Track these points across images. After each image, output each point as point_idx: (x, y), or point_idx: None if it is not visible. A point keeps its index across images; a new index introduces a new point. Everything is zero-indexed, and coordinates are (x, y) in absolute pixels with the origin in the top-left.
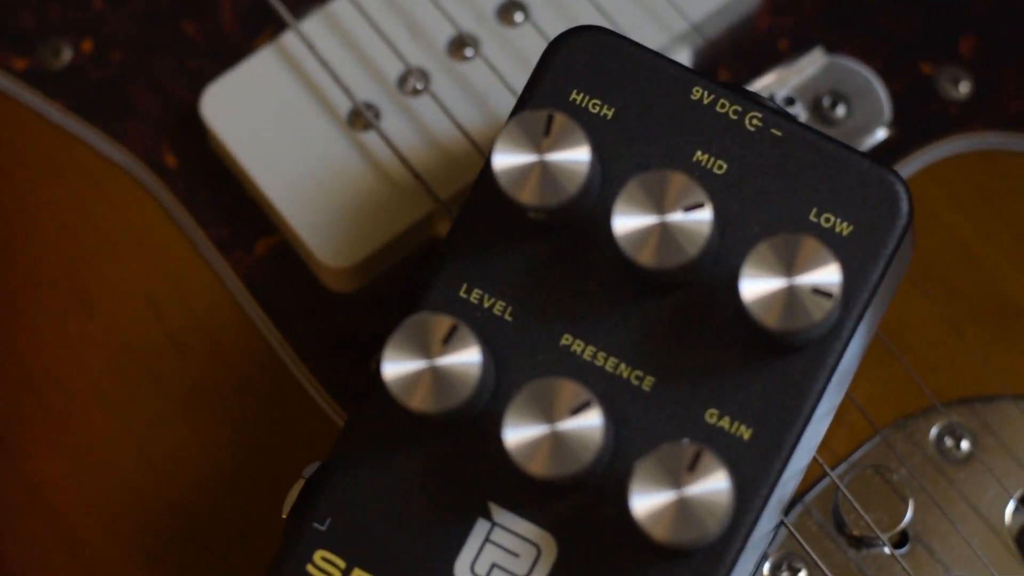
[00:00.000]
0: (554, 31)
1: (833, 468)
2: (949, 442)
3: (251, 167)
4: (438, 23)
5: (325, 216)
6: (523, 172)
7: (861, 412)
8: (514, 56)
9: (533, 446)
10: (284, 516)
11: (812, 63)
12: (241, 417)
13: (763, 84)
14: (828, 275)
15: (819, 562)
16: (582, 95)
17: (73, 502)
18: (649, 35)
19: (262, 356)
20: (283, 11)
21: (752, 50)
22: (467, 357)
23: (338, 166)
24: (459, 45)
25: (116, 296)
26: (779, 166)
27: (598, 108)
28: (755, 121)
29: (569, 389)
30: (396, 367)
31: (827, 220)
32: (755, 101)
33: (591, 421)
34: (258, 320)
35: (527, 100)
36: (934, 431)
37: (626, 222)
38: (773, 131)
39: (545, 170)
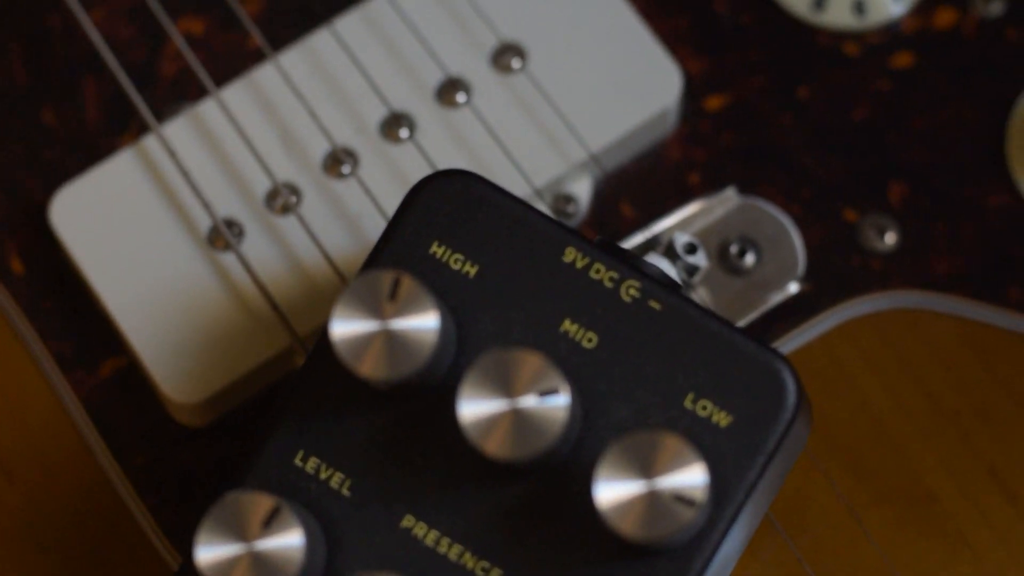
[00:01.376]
0: (439, 154)
1: None
2: None
3: (98, 283)
4: (315, 135)
5: (174, 344)
6: (364, 341)
7: None
8: (394, 176)
9: None
10: None
11: (723, 203)
12: (70, 555)
13: (667, 224)
14: (692, 478)
15: None
16: (443, 248)
17: None
18: (548, 163)
19: (97, 488)
20: (145, 110)
21: (659, 183)
22: (289, 540)
23: (192, 289)
24: (336, 161)
25: None
26: (655, 343)
27: (460, 264)
28: (632, 291)
29: None
30: (210, 552)
31: (704, 408)
32: (635, 268)
33: None
34: (96, 448)
35: (382, 250)
36: None
37: (473, 407)
38: (651, 304)
39: (389, 339)
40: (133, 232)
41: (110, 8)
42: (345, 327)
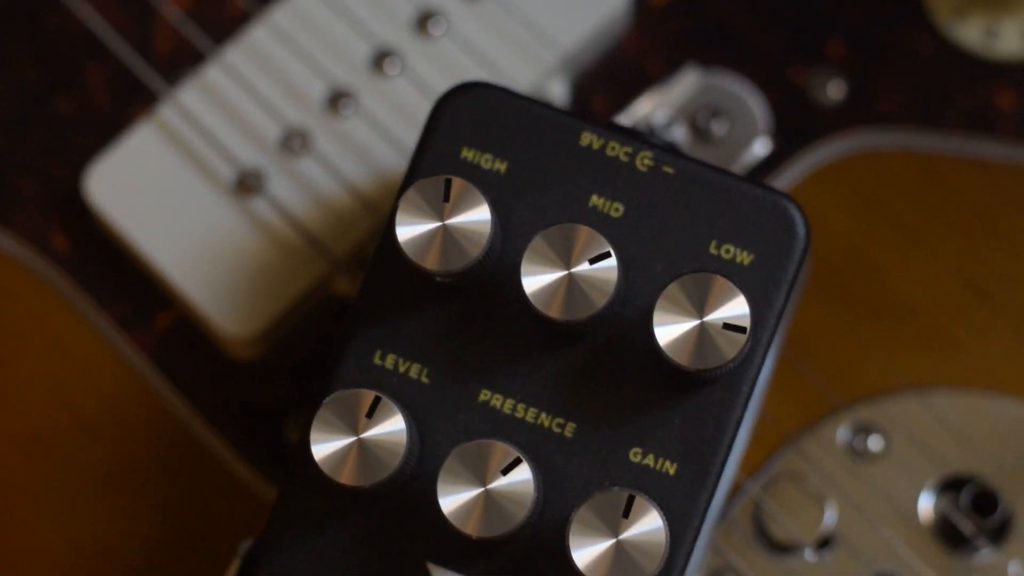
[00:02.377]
0: (430, 79)
1: (751, 480)
2: (858, 441)
3: (142, 244)
4: (312, 81)
5: (222, 287)
6: (427, 240)
7: (771, 424)
8: (392, 107)
9: (468, 508)
10: None
11: (686, 82)
12: (161, 494)
13: (640, 109)
14: (737, 310)
15: (749, 574)
16: (473, 152)
17: None
18: (522, 73)
19: (174, 430)
20: (156, 81)
21: (625, 75)
22: (392, 427)
23: (229, 235)
24: (336, 101)
25: (20, 387)
26: (675, 203)
27: (490, 164)
28: (646, 161)
29: (497, 449)
30: (323, 447)
31: (727, 252)
32: (644, 140)
33: (522, 477)
34: (167, 394)
35: (419, 162)
36: (842, 432)
37: (535, 280)
38: (665, 169)
39: (448, 235)
40: (165, 193)
41: None
42: (408, 230)
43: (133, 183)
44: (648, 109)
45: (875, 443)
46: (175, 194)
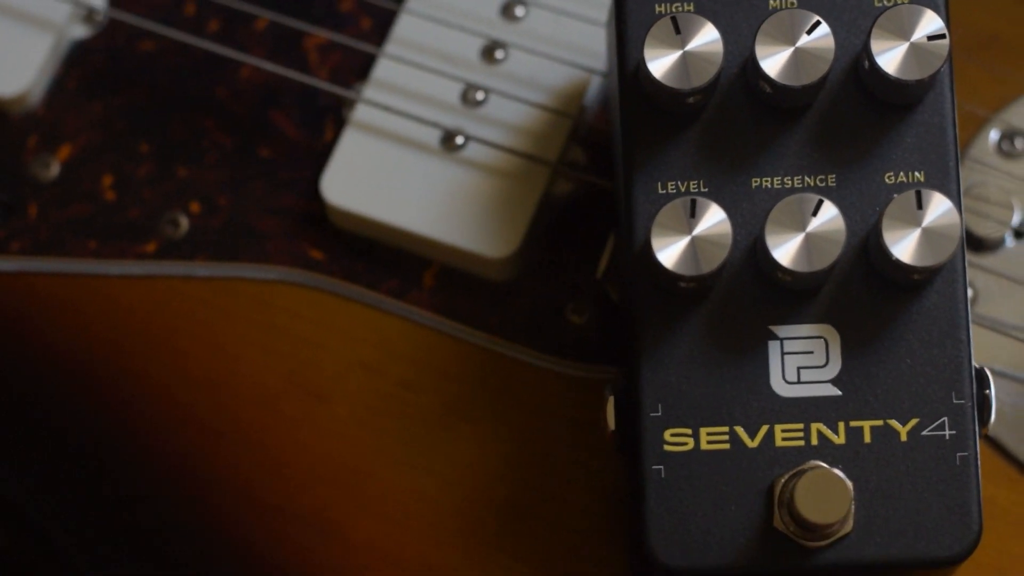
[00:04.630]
0: (559, 5)
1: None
2: (1006, 145)
3: (394, 218)
4: (464, 42)
5: (474, 225)
6: (675, 66)
7: None
8: (538, 38)
9: (799, 253)
10: (611, 427)
11: None
12: (491, 411)
13: None
14: (933, 24)
15: (975, 277)
16: (663, 3)
17: (405, 542)
18: None
19: (480, 358)
20: (345, 92)
21: None
22: (715, 218)
23: (458, 184)
24: (490, 51)
25: (338, 378)
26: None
27: (681, 6)
28: None
29: (803, 199)
30: (666, 252)
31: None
32: None
33: (830, 214)
34: (460, 332)
35: (626, 18)
36: (992, 141)
37: (769, 62)
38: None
39: (690, 58)
40: (391, 174)
41: (256, 57)
42: (658, 63)
43: (361, 176)
44: None
45: (1021, 141)
46: (399, 171)
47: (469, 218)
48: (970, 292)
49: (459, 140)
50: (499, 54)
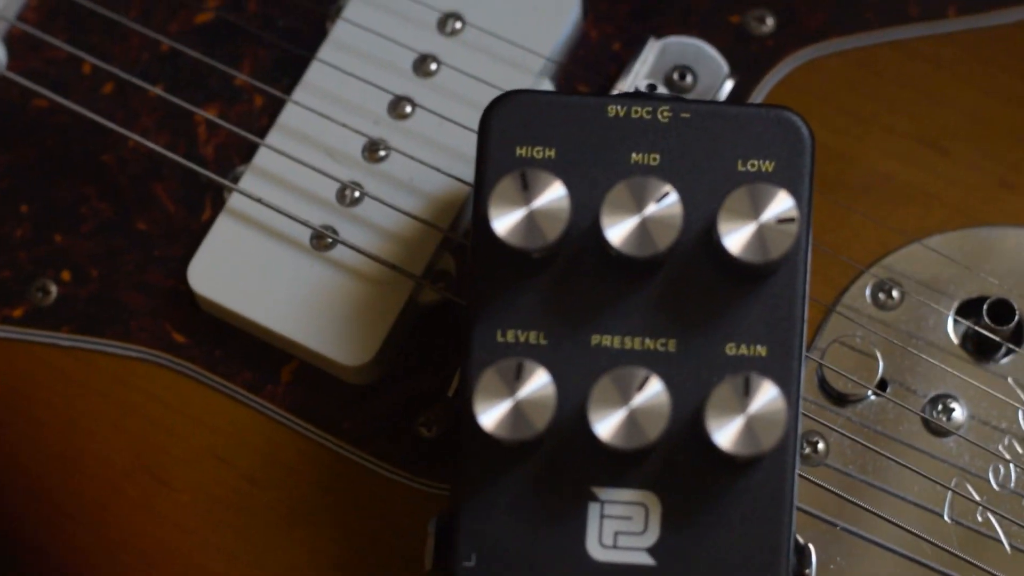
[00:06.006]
0: (444, 110)
1: (809, 351)
2: (883, 296)
3: (255, 315)
4: (347, 139)
5: (331, 329)
6: (520, 225)
7: (811, 300)
8: (419, 142)
9: (620, 428)
10: (428, 568)
11: (649, 51)
12: (334, 518)
13: (622, 86)
14: (784, 204)
15: (831, 428)
16: (525, 148)
17: None
18: (519, 80)
19: (326, 460)
20: (221, 179)
21: (595, 60)
22: (540, 382)
23: (323, 284)
24: (372, 150)
25: (186, 465)
26: (699, 140)
27: (542, 153)
28: (665, 114)
29: (630, 373)
30: (488, 415)
31: (752, 165)
32: (656, 98)
33: (655, 390)
34: (309, 432)
35: (483, 166)
36: (868, 293)
37: (615, 231)
38: (683, 115)
39: (535, 216)
40: (257, 266)
41: (143, 128)
42: (503, 222)
43: (228, 266)
44: (629, 82)
45: (896, 293)
46: (266, 264)
47: (329, 321)
48: (821, 445)
49: (329, 239)
50: (381, 152)
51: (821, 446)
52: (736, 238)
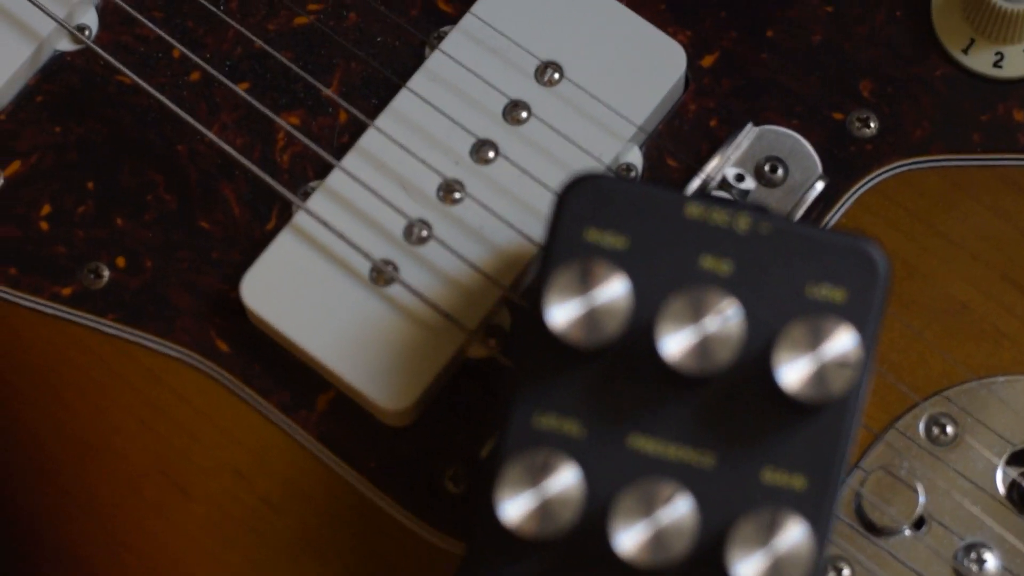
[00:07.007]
0: (526, 162)
1: (849, 475)
2: (936, 430)
3: (297, 337)
4: (424, 175)
5: (375, 367)
6: (575, 320)
7: (862, 425)
8: (497, 190)
9: (640, 544)
10: None
11: (745, 137)
12: (343, 554)
13: (711, 166)
14: (847, 343)
15: (859, 558)
16: (596, 233)
17: None
18: (608, 144)
19: (347, 496)
20: (290, 195)
21: (689, 135)
22: (569, 479)
23: (374, 320)
24: (448, 190)
25: (206, 475)
26: (773, 256)
27: (612, 242)
28: (744, 223)
29: (657, 486)
30: (510, 506)
31: (822, 292)
32: (738, 205)
33: (684, 509)
34: (335, 465)
35: (551, 247)
36: (922, 424)
37: (670, 341)
38: (761, 228)
39: (593, 312)
40: (312, 290)
41: (221, 124)
42: (558, 313)
43: (283, 284)
44: (718, 165)
45: (951, 429)
46: (321, 289)
47: (374, 360)
48: (847, 571)
49: (388, 276)
50: (456, 195)
51: (846, 572)
52: (791, 372)
